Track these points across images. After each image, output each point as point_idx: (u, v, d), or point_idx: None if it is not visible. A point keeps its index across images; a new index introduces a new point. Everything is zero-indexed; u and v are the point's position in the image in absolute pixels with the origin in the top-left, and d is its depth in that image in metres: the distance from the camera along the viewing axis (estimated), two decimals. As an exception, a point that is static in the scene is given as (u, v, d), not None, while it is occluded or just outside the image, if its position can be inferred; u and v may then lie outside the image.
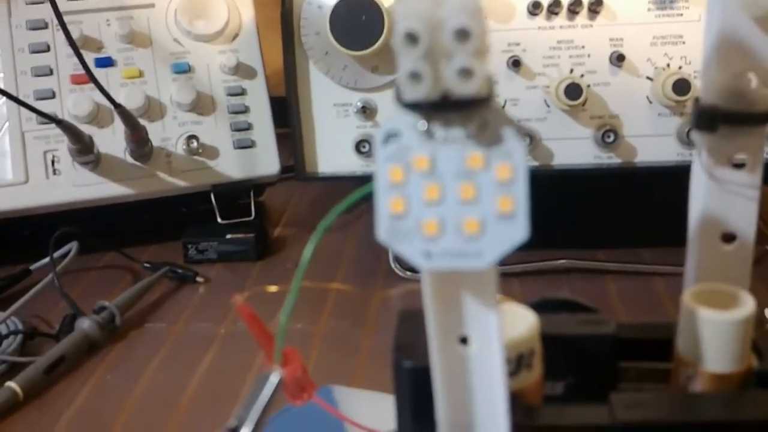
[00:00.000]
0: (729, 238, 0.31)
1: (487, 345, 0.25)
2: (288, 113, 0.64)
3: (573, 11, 0.60)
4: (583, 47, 0.61)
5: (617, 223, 0.67)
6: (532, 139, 0.61)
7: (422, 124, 0.22)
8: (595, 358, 0.31)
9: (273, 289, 0.59)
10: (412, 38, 0.21)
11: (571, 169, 0.62)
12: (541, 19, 0.61)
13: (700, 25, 0.59)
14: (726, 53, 0.29)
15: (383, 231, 0.23)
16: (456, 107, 0.21)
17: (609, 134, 0.60)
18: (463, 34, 0.20)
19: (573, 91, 0.59)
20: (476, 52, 0.20)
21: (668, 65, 0.60)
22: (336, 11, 0.59)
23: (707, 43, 0.29)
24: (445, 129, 0.22)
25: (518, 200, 0.22)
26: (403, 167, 0.22)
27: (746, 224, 0.31)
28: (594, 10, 0.60)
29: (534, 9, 0.60)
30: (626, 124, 0.61)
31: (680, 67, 0.60)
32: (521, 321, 0.29)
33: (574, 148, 0.62)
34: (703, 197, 0.31)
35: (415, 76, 0.21)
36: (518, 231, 0.22)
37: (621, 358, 0.31)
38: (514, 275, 0.64)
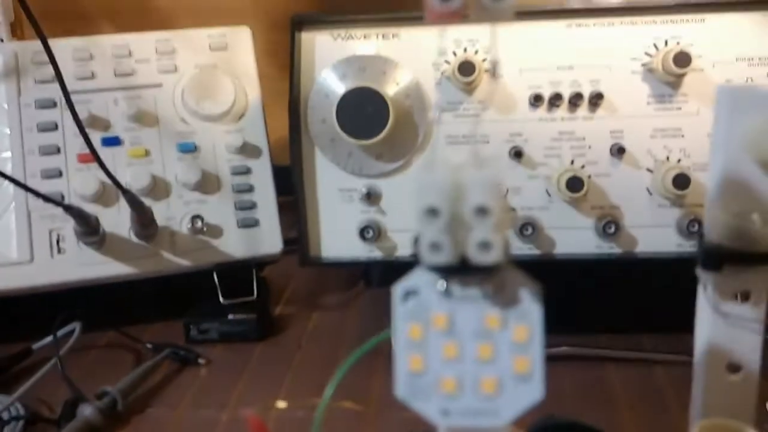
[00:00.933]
0: (734, 368, 0.32)
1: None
2: (294, 198, 0.64)
3: (574, 104, 0.61)
4: (584, 139, 0.62)
5: (618, 310, 0.67)
6: (534, 228, 0.62)
7: (441, 284, 0.22)
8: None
9: (282, 405, 0.59)
10: (433, 212, 0.21)
11: (572, 259, 0.62)
12: (542, 111, 0.62)
13: (698, 119, 0.61)
14: (730, 194, 0.30)
15: (402, 388, 0.23)
16: (472, 271, 0.22)
17: (610, 225, 0.61)
18: (483, 211, 0.21)
19: (574, 183, 0.60)
20: (495, 226, 0.21)
21: (668, 158, 0.61)
22: (343, 101, 0.61)
23: (711, 183, 0.30)
24: (463, 288, 0.23)
25: (534, 361, 0.23)
26: (422, 325, 0.23)
27: (751, 356, 0.31)
28: (594, 103, 0.61)
29: (535, 101, 0.62)
30: (627, 215, 0.62)
31: (679, 160, 0.61)
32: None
33: (576, 238, 0.62)
34: (709, 329, 0.31)
35: (435, 246, 0.22)
36: (534, 391, 0.23)
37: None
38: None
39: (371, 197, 0.63)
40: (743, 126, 0.29)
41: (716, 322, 0.31)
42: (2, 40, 0.85)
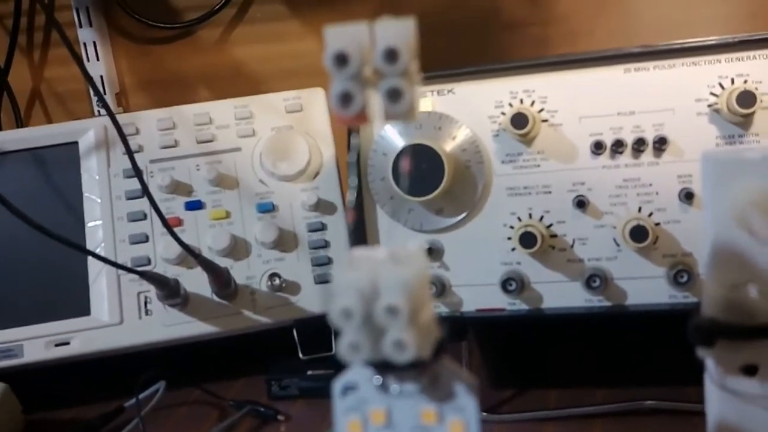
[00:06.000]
0: (748, 447, 0.30)
1: None
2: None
3: (638, 150, 0.59)
4: (650, 185, 0.60)
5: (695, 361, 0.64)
6: (601, 280, 0.60)
7: (377, 379, 0.22)
8: None
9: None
10: (347, 314, 0.21)
11: (645, 310, 0.60)
12: (605, 158, 0.60)
13: (773, 159, 0.57)
14: (724, 265, 0.28)
15: (343, 482, 0.23)
16: (401, 369, 0.22)
17: (682, 274, 0.58)
18: (393, 311, 0.21)
19: (639, 233, 0.58)
20: (408, 324, 0.21)
21: (741, 201, 0.58)
22: (398, 160, 0.61)
23: (704, 255, 0.28)
24: (399, 383, 0.23)
25: (471, 456, 0.22)
26: (361, 420, 0.23)
27: (765, 433, 0.29)
28: (659, 147, 0.59)
29: (597, 149, 0.60)
30: (700, 262, 0.59)
31: (754, 203, 0.57)
32: None
33: (648, 288, 0.60)
34: (717, 407, 0.30)
35: (354, 347, 0.22)
36: (472, 488, 0.22)
37: None
38: (598, 416, 0.62)
39: (433, 252, 0.63)
40: (731, 194, 0.27)
41: (724, 399, 0.29)
42: (99, 114, 0.91)
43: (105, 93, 0.97)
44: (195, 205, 0.75)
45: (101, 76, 0.97)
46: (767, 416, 0.29)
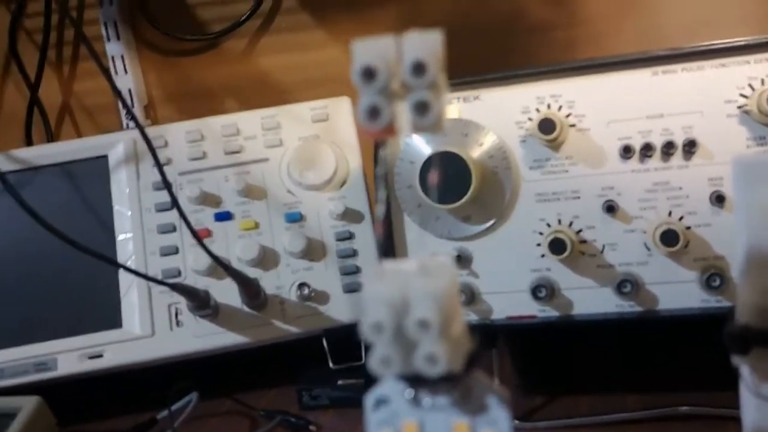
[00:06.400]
0: (786, 455, 0.29)
1: None
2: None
3: (667, 153, 0.59)
4: (680, 189, 0.59)
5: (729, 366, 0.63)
6: (632, 285, 0.59)
7: (409, 392, 0.22)
8: None
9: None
10: (378, 328, 0.21)
11: (677, 315, 0.59)
12: (634, 163, 0.60)
13: (806, 160, 0.56)
14: (757, 271, 0.28)
15: (376, 496, 0.23)
16: (430, 383, 0.22)
17: (714, 278, 0.58)
18: (424, 325, 0.21)
19: (669, 237, 0.57)
20: (440, 337, 0.21)
21: (774, 203, 0.57)
22: (425, 167, 0.61)
23: (739, 262, 0.28)
24: (431, 396, 0.23)
25: (505, 469, 0.22)
26: (393, 433, 0.23)
27: (803, 442, 0.29)
28: (689, 151, 0.58)
29: (626, 153, 0.60)
30: (733, 266, 0.58)
31: (787, 205, 0.56)
32: None
33: (680, 292, 0.59)
34: (753, 413, 0.29)
35: (386, 361, 0.22)
36: (506, 500, 0.22)
37: None
38: (631, 423, 0.62)
39: (462, 260, 0.63)
40: (764, 198, 0.27)
41: (759, 406, 0.29)
42: (128, 126, 0.92)
43: (133, 106, 0.98)
44: (224, 216, 0.75)
45: (129, 89, 0.98)
46: (805, 424, 0.29)
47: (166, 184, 0.70)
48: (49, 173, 0.78)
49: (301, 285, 0.73)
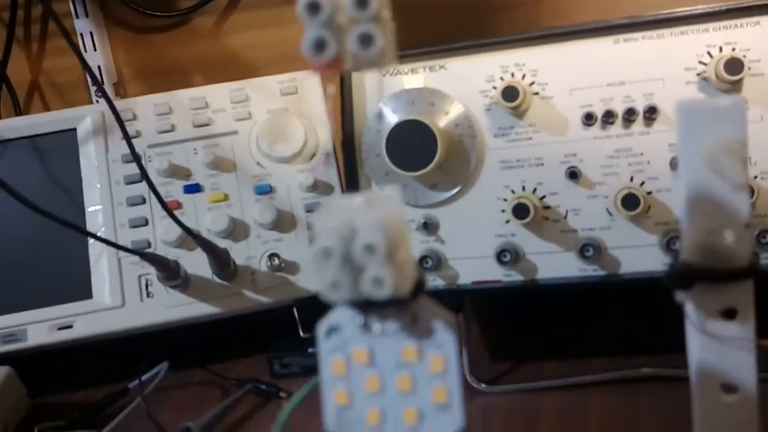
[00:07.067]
0: (729, 389, 0.30)
1: None
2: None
3: (628, 120, 0.60)
4: (641, 154, 0.60)
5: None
6: (595, 249, 0.60)
7: (359, 319, 0.23)
8: None
9: None
10: (327, 253, 0.22)
11: (639, 278, 0.60)
12: (596, 130, 0.61)
13: (762, 126, 0.58)
14: (700, 211, 0.29)
15: (331, 422, 0.24)
16: (380, 306, 0.22)
17: (675, 241, 0.59)
18: (370, 249, 0.21)
19: (630, 201, 0.58)
20: (385, 262, 0.21)
21: (732, 168, 0.58)
22: (392, 135, 0.62)
23: (681, 202, 0.29)
24: (381, 322, 0.23)
25: (452, 390, 0.23)
26: (345, 360, 0.24)
27: (746, 375, 0.30)
28: (650, 117, 0.60)
29: (588, 120, 0.61)
30: (692, 229, 0.59)
31: (744, 169, 0.58)
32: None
33: (642, 256, 0.60)
34: (698, 349, 0.30)
35: (334, 285, 0.22)
36: (454, 420, 0.23)
37: None
38: (595, 385, 0.63)
39: (429, 227, 0.64)
40: (705, 141, 0.28)
41: (704, 342, 0.30)
42: (97, 102, 0.92)
43: (103, 83, 0.98)
44: (193, 189, 0.76)
45: (99, 66, 0.98)
46: (746, 358, 0.30)
47: (135, 157, 0.70)
48: (18, 147, 0.78)
49: (272, 256, 0.74)
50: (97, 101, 0.98)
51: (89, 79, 0.99)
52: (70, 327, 0.72)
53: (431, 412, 0.23)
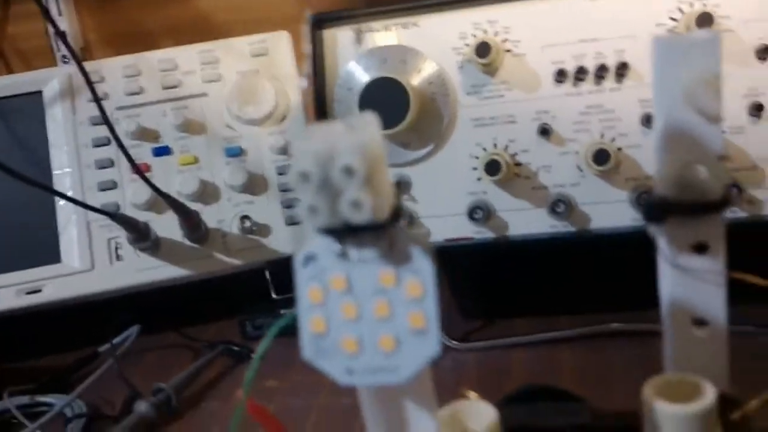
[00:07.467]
0: (700, 323, 0.31)
1: (429, 450, 0.26)
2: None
3: (600, 76, 0.60)
4: (613, 111, 0.60)
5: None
6: (566, 205, 0.61)
7: (336, 247, 0.23)
8: (571, 449, 0.31)
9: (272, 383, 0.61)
10: (304, 177, 0.22)
11: (609, 234, 0.61)
12: (568, 86, 0.61)
13: (731, 81, 0.58)
14: (675, 146, 0.29)
15: (307, 350, 0.24)
16: (358, 232, 0.22)
17: (644, 196, 0.59)
18: (349, 171, 0.21)
19: (601, 156, 0.58)
20: (364, 185, 0.21)
21: (701, 123, 0.59)
22: (364, 93, 0.62)
23: (656, 136, 0.29)
24: (358, 250, 0.23)
25: (429, 316, 0.23)
26: (322, 288, 0.24)
27: (716, 310, 0.30)
28: (621, 73, 0.60)
29: (560, 77, 0.61)
30: (662, 184, 0.60)
31: (713, 125, 0.58)
32: (483, 418, 0.29)
33: (612, 212, 0.61)
34: (669, 284, 0.31)
35: (312, 209, 0.22)
36: (430, 346, 0.23)
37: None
38: (564, 341, 0.64)
39: (401, 186, 0.64)
40: (680, 75, 0.28)
41: (675, 276, 0.30)
42: (68, 60, 0.91)
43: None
44: (163, 151, 0.75)
45: (64, 32, 0.96)
46: (716, 292, 0.30)
47: (105, 118, 0.69)
48: (-18, 110, 0.76)
49: (243, 218, 0.73)
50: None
51: (54, 45, 0.97)
52: (39, 291, 0.71)
53: (408, 338, 0.23)
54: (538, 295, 0.73)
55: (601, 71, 0.60)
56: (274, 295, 0.73)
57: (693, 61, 0.28)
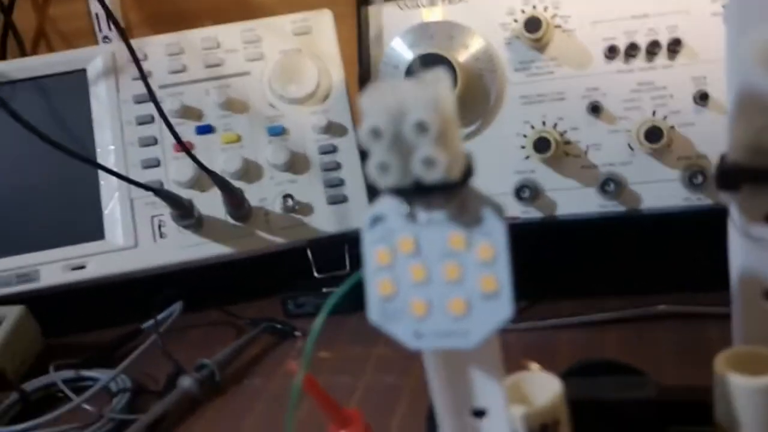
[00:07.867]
0: (772, 295, 0.30)
1: (495, 418, 0.26)
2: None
3: (651, 53, 0.59)
4: (665, 88, 0.59)
5: (709, 265, 0.64)
6: (616, 184, 0.60)
7: (405, 208, 0.23)
8: (636, 423, 0.30)
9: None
10: (376, 133, 0.21)
11: (659, 213, 0.60)
12: (619, 63, 0.60)
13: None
14: (749, 111, 0.28)
15: (374, 313, 0.23)
16: (429, 192, 0.22)
17: (697, 175, 0.58)
18: (422, 127, 0.21)
19: (653, 134, 0.57)
20: (437, 142, 0.21)
21: (756, 101, 0.57)
22: (410, 70, 0.61)
23: (729, 101, 0.28)
24: (427, 211, 0.23)
25: (501, 279, 0.22)
26: (390, 250, 0.23)
27: (789, 282, 0.29)
28: (673, 50, 0.59)
29: (611, 53, 0.60)
30: (714, 164, 0.58)
31: None
32: (546, 390, 0.29)
33: (663, 191, 0.60)
34: (741, 255, 0.30)
35: (383, 167, 0.22)
36: (503, 310, 0.22)
37: (663, 423, 0.31)
38: (611, 322, 0.63)
39: (447, 164, 0.63)
40: (755, 39, 0.27)
41: (747, 247, 0.29)
42: (109, 40, 0.91)
43: (110, 29, 0.96)
44: (206, 130, 0.75)
45: (110, 9, 0.96)
46: (790, 264, 0.29)
47: (152, 96, 0.68)
48: (27, 87, 0.77)
49: (286, 197, 0.73)
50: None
51: (96, 25, 0.98)
52: (83, 267, 0.71)
53: (479, 302, 0.23)
54: (583, 276, 0.71)
55: (653, 47, 0.59)
56: (316, 274, 0.73)
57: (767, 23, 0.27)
